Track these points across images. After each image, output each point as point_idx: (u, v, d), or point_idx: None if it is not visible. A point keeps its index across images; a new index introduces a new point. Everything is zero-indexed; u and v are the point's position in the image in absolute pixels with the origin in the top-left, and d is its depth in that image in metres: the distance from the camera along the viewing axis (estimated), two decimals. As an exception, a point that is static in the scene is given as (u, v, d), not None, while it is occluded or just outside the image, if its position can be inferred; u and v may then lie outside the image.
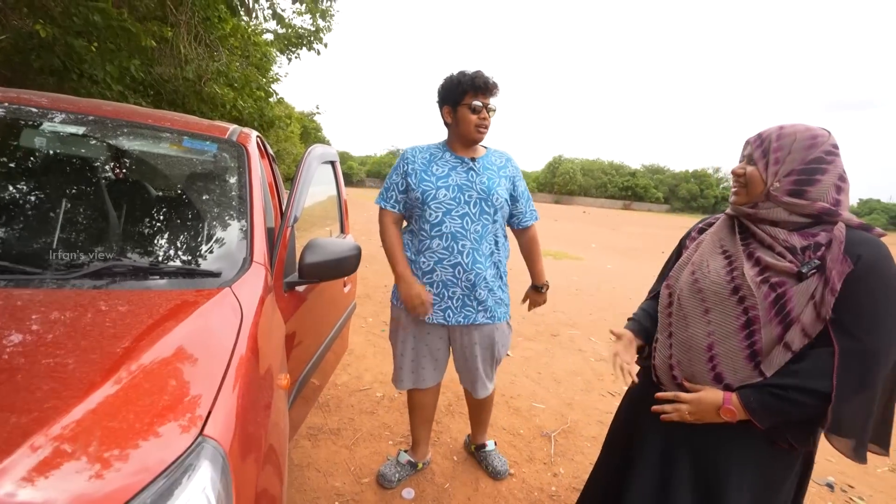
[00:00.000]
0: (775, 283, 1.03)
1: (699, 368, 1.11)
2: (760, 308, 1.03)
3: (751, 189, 1.10)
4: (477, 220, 1.73)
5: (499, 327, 1.87)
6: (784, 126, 1.09)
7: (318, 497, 1.87)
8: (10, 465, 0.55)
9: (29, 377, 0.69)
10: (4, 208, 1.16)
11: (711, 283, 1.12)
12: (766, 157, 1.08)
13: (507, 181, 1.81)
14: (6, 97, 1.43)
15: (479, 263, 1.74)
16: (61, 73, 4.39)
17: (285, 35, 8.04)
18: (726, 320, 1.08)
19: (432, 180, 1.73)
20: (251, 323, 1.01)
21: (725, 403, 1.04)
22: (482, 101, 1.69)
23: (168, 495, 0.61)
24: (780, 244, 1.06)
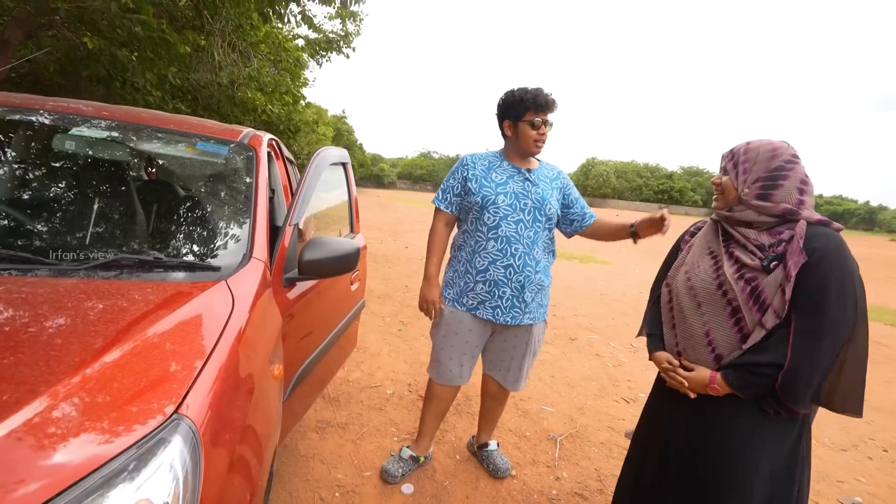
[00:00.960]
0: (749, 278, 1.24)
1: (701, 352, 1.31)
2: (740, 299, 1.24)
3: (727, 195, 1.33)
4: (530, 226, 1.86)
5: (540, 325, 2.02)
6: (750, 141, 1.33)
7: (320, 487, 1.94)
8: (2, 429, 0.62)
9: (29, 355, 0.76)
10: (26, 205, 1.28)
11: (701, 281, 1.34)
12: (736, 168, 1.32)
13: (559, 192, 1.96)
14: (27, 103, 1.57)
15: (528, 266, 1.86)
16: (107, 81, 4.71)
17: (316, 40, 8.29)
18: (717, 311, 1.30)
19: (492, 186, 1.86)
20: (241, 315, 1.07)
21: (711, 382, 1.27)
22: (542, 117, 1.81)
23: (139, 464, 0.67)
24: (752, 243, 1.27)
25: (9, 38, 4.37)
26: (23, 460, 0.61)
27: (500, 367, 2.04)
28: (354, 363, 3.28)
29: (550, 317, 5.33)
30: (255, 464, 0.94)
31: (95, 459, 0.65)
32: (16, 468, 0.60)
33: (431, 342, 2.05)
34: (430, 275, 1.97)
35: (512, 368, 2.03)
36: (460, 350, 1.97)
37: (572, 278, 7.85)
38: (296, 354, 1.60)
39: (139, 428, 0.70)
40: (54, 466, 0.62)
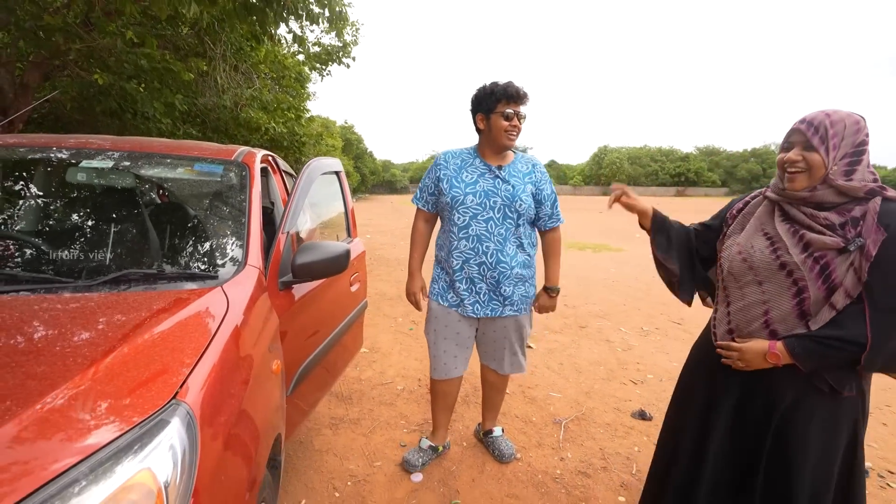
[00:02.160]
0: (818, 257, 1.20)
1: (756, 327, 1.30)
2: (808, 279, 1.21)
3: (813, 174, 1.22)
4: (501, 223, 1.89)
5: (526, 317, 2.06)
6: (830, 112, 1.22)
7: (333, 477, 2.06)
8: (25, 414, 0.75)
9: (50, 355, 0.90)
10: (43, 232, 1.43)
11: (759, 261, 1.30)
12: (825, 142, 1.19)
13: (532, 186, 1.95)
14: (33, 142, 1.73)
15: (502, 263, 1.91)
16: (119, 114, 4.97)
17: (316, 54, 8.50)
18: (779, 290, 1.27)
19: (461, 187, 1.91)
20: (235, 315, 1.19)
21: (771, 349, 1.25)
22: (514, 108, 1.84)
23: (143, 441, 0.79)
24: (821, 222, 1.21)
25: (28, 82, 4.68)
26: (46, 437, 0.74)
27: (494, 356, 2.11)
28: (367, 362, 3.41)
29: (561, 306, 5.37)
30: (253, 445, 1.06)
31: (108, 435, 0.77)
32: (40, 444, 0.72)
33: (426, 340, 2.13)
34: (411, 269, 2.11)
35: (505, 357, 2.09)
36: (453, 342, 2.05)
37: (584, 268, 7.85)
38: (297, 353, 1.72)
39: (143, 411, 0.82)
40: (73, 441, 0.74)
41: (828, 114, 1.20)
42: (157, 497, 0.75)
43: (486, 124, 1.89)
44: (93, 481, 0.71)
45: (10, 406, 0.76)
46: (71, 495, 0.68)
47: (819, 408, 1.25)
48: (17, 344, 0.93)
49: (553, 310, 2.11)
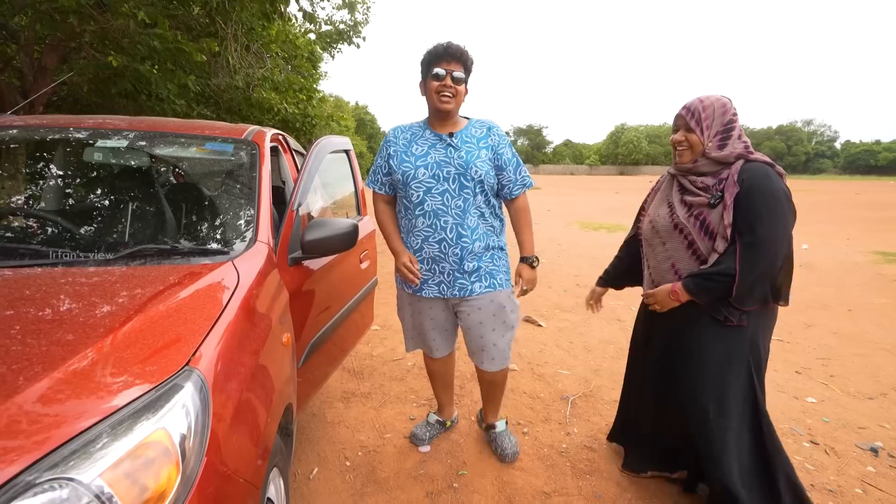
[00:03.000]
0: (697, 214, 1.56)
1: (669, 278, 1.65)
2: (693, 233, 1.56)
3: (695, 150, 1.57)
4: (457, 195, 1.76)
5: (502, 292, 1.87)
6: (702, 98, 1.56)
7: (345, 448, 2.14)
8: (52, 376, 0.80)
9: (71, 324, 0.95)
10: (64, 207, 1.49)
11: (662, 226, 1.67)
12: (699, 124, 1.54)
13: (489, 151, 1.79)
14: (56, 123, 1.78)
15: (464, 238, 1.78)
16: (134, 95, 5.04)
17: (327, 33, 8.42)
18: (677, 246, 1.63)
19: (411, 161, 1.78)
20: (245, 289, 1.23)
21: (672, 288, 1.60)
22: (444, 67, 1.69)
23: (158, 403, 0.83)
24: (698, 186, 1.57)
25: (46, 64, 4.76)
26: (71, 397, 0.79)
27: (475, 347, 1.95)
28: (378, 339, 3.48)
29: (573, 286, 5.36)
30: (263, 410, 1.11)
31: (126, 398, 0.82)
32: (65, 403, 0.77)
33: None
34: (392, 248, 1.90)
35: (485, 347, 1.91)
36: (430, 326, 1.96)
37: (599, 248, 7.78)
38: (308, 327, 1.77)
39: (158, 376, 0.87)
40: (95, 402, 0.79)
41: (701, 100, 1.55)
42: (172, 455, 0.80)
43: (425, 89, 1.77)
44: (113, 438, 0.76)
45: (39, 369, 0.81)
46: (94, 450, 0.73)
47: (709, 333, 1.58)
48: (43, 314, 0.99)
49: (533, 281, 1.92)
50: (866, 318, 4.35)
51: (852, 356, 3.42)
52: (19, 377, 0.79)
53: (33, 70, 4.69)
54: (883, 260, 7.04)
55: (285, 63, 7.31)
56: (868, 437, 2.37)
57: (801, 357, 3.38)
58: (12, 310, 1.00)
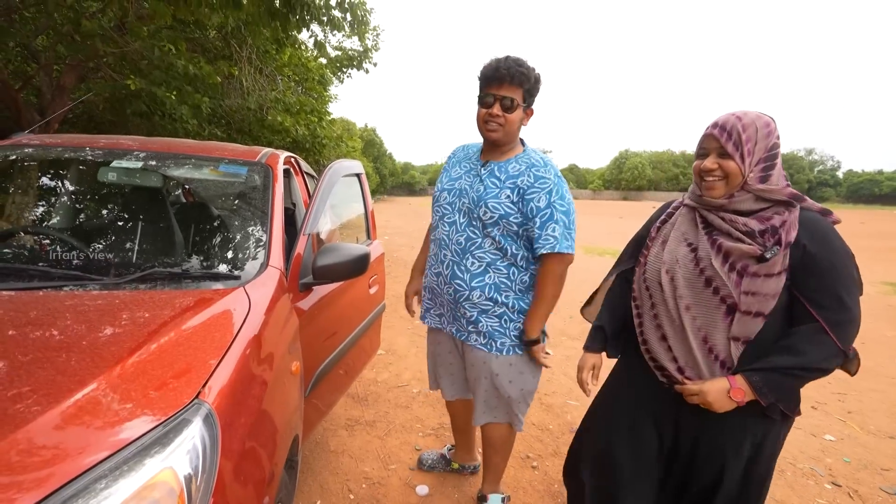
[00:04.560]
0: (740, 269, 1.13)
1: (701, 360, 1.20)
2: (735, 294, 1.13)
3: (731, 182, 1.16)
4: (461, 230, 1.58)
5: (499, 358, 1.60)
6: (740, 115, 1.16)
7: (349, 479, 2.06)
8: (56, 409, 0.77)
9: (78, 352, 0.92)
10: (76, 228, 1.47)
11: (683, 277, 1.21)
12: (739, 149, 1.14)
13: (515, 193, 1.50)
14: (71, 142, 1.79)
15: (458, 279, 1.59)
16: (148, 115, 5.13)
17: (337, 58, 8.62)
18: (708, 310, 1.18)
19: (444, 181, 1.68)
20: (257, 315, 1.20)
21: (733, 385, 1.14)
22: (493, 92, 1.48)
23: (166, 440, 0.79)
24: (740, 229, 1.15)
25: (65, 84, 4.86)
26: (74, 432, 0.75)
27: (472, 391, 1.74)
28: (383, 365, 3.41)
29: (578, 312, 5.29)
30: (271, 445, 1.06)
31: (132, 433, 0.78)
32: (68, 438, 0.74)
33: None
34: (412, 270, 1.89)
35: (479, 401, 1.69)
36: (433, 361, 1.86)
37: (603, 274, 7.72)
38: (316, 354, 1.73)
39: (167, 410, 0.83)
40: (99, 438, 0.75)
41: (739, 117, 1.15)
42: (178, 496, 0.75)
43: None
44: (117, 478, 0.72)
45: (42, 401, 0.78)
46: (96, 491, 0.69)
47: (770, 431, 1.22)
48: (48, 339, 0.96)
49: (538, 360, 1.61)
50: (880, 351, 4.26)
51: (869, 391, 3.33)
52: (23, 409, 0.76)
53: (52, 89, 4.79)
54: (892, 291, 6.96)
55: (296, 85, 7.45)
56: (893, 479, 2.28)
57: (815, 391, 3.29)
58: (18, 334, 0.97)
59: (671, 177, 66.67)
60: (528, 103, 1.54)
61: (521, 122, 1.54)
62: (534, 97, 1.54)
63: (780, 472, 2.27)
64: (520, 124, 1.55)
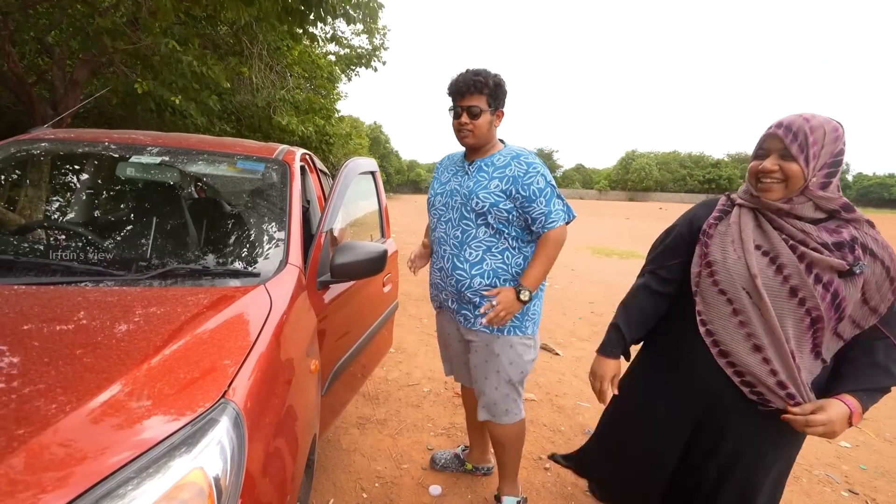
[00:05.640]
0: (827, 282, 1.09)
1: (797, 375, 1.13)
2: (821, 308, 1.09)
3: (791, 185, 1.12)
4: (456, 225, 1.68)
5: (500, 339, 1.66)
6: (809, 118, 1.11)
7: (361, 478, 2.06)
8: (86, 407, 0.76)
9: (105, 350, 0.91)
10: (95, 225, 1.47)
11: (766, 289, 1.13)
12: (804, 151, 1.09)
13: (503, 182, 1.60)
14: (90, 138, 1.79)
15: (459, 270, 1.67)
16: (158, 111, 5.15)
17: (346, 56, 8.61)
18: (796, 325, 1.12)
19: (435, 188, 1.81)
20: (278, 314, 1.19)
21: (854, 411, 1.10)
22: (459, 104, 1.63)
23: (194, 439, 0.79)
24: (815, 240, 1.10)
25: (77, 79, 4.88)
26: (105, 433, 0.75)
27: (476, 388, 1.77)
28: (393, 363, 3.41)
29: (588, 313, 5.26)
30: (294, 444, 1.05)
31: (161, 433, 0.77)
32: (99, 439, 0.73)
33: None
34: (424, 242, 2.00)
35: (484, 391, 1.72)
36: (443, 344, 1.93)
37: (612, 275, 7.69)
38: (332, 352, 1.72)
39: (194, 409, 0.83)
40: (128, 438, 0.75)
41: (807, 119, 1.10)
42: (208, 496, 0.75)
43: None
44: (147, 479, 0.71)
45: (72, 399, 0.77)
46: (128, 491, 0.68)
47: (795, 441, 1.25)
48: (75, 336, 0.95)
49: (508, 312, 1.57)
50: (894, 357, 4.20)
51: (884, 399, 3.28)
52: (51, 408, 0.75)
53: (64, 83, 4.81)
54: (906, 296, 6.86)
55: (305, 82, 7.45)
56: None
57: (830, 397, 3.25)
58: (45, 330, 0.96)
59: (678, 178, 66.29)
60: (495, 106, 1.65)
61: (491, 124, 1.65)
62: (500, 99, 1.65)
63: (795, 478, 2.24)
64: (490, 126, 1.65)
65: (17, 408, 0.75)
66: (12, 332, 0.94)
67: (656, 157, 68.62)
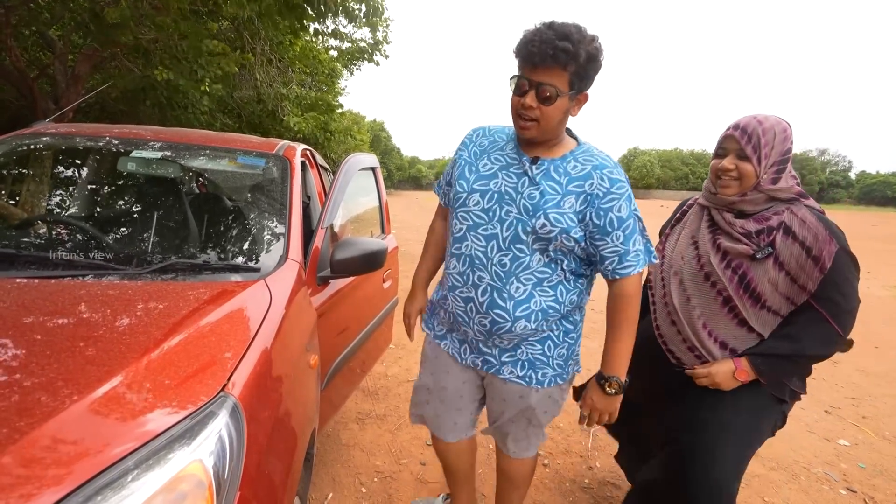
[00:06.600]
0: (736, 267, 1.27)
1: (705, 342, 1.35)
2: (730, 289, 1.28)
3: (745, 182, 1.27)
4: (506, 248, 1.21)
5: (539, 392, 1.31)
6: (761, 119, 1.25)
7: (360, 473, 2.07)
8: (87, 399, 0.77)
9: (106, 343, 0.92)
10: (96, 219, 1.47)
11: (686, 272, 1.37)
12: (757, 151, 1.24)
13: (579, 201, 1.17)
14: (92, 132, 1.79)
15: (498, 309, 1.23)
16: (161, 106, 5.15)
17: (348, 50, 8.59)
18: (708, 302, 1.33)
19: (470, 179, 1.27)
20: (278, 309, 1.20)
21: (738, 366, 1.29)
22: (529, 76, 1.11)
23: (193, 432, 0.79)
24: (737, 230, 1.27)
25: (79, 73, 4.88)
26: (106, 425, 0.75)
27: (495, 424, 1.46)
28: (392, 359, 3.42)
29: (589, 310, 5.25)
30: (293, 439, 1.06)
31: (161, 425, 0.78)
32: (100, 431, 0.74)
33: None
34: (413, 283, 1.53)
35: (511, 433, 1.43)
36: (436, 397, 1.46)
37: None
38: (331, 348, 1.73)
39: (193, 402, 0.83)
40: (129, 429, 0.75)
41: (759, 121, 1.24)
42: (207, 488, 0.75)
43: None
44: (146, 470, 0.72)
45: (73, 391, 0.78)
46: (127, 482, 0.69)
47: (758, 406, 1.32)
48: (76, 328, 0.96)
49: (608, 415, 1.28)
50: (894, 356, 4.21)
51: (883, 396, 3.29)
52: (53, 400, 0.76)
53: (66, 78, 4.81)
54: (907, 295, 6.86)
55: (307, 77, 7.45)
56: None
57: (829, 395, 3.25)
58: (44, 325, 0.97)
59: (680, 175, 66.18)
60: (578, 88, 1.13)
61: (566, 113, 1.16)
62: (587, 80, 1.14)
63: (793, 476, 2.24)
64: (565, 116, 1.17)
65: (19, 399, 0.75)
66: (15, 325, 0.95)
67: (658, 155, 68.46)
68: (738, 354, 1.32)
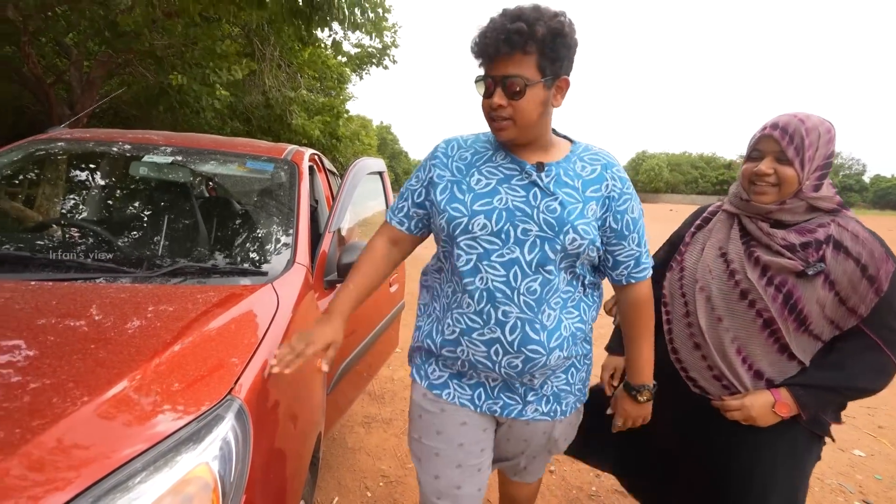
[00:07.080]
0: (779, 284, 1.09)
1: (738, 369, 1.15)
2: (773, 309, 1.09)
3: (784, 189, 1.09)
4: (533, 272, 1.03)
5: (562, 422, 1.20)
6: (803, 119, 1.08)
7: (366, 477, 2.07)
8: (96, 401, 0.78)
9: (115, 345, 0.93)
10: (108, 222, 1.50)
11: (716, 287, 1.16)
12: (800, 154, 1.06)
13: (601, 205, 1.07)
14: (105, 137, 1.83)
15: (533, 343, 1.05)
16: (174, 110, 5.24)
17: (357, 55, 8.67)
18: (744, 323, 1.13)
19: (467, 200, 1.06)
20: (285, 313, 1.21)
21: (777, 399, 1.11)
22: (490, 72, 0.98)
23: (200, 435, 0.80)
24: (778, 242, 1.09)
25: (94, 79, 4.98)
26: (115, 427, 0.76)
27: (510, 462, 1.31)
28: (399, 362, 3.42)
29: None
30: (299, 442, 1.07)
31: (168, 428, 0.78)
32: (109, 432, 0.75)
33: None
34: (331, 308, 1.12)
35: (528, 467, 1.31)
36: (449, 461, 1.16)
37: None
38: (338, 351, 1.73)
39: (200, 406, 0.84)
40: (137, 432, 0.76)
41: (801, 119, 1.07)
42: (213, 491, 0.76)
43: None
44: (153, 473, 0.72)
45: (84, 393, 0.79)
46: (135, 485, 0.70)
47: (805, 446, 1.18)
48: (88, 331, 0.97)
49: (642, 419, 1.23)
50: (911, 364, 4.12)
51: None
52: (64, 401, 0.77)
53: (81, 83, 4.91)
54: (924, 302, 6.72)
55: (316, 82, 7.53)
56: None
57: (843, 404, 3.19)
58: (56, 326, 0.99)
59: (689, 179, 65.70)
60: (553, 73, 0.97)
61: (544, 105, 1.00)
62: (560, 62, 0.98)
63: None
64: (544, 108, 1.01)
65: (31, 400, 0.77)
66: (28, 327, 0.96)
67: (667, 158, 68.08)
68: (775, 385, 1.13)
